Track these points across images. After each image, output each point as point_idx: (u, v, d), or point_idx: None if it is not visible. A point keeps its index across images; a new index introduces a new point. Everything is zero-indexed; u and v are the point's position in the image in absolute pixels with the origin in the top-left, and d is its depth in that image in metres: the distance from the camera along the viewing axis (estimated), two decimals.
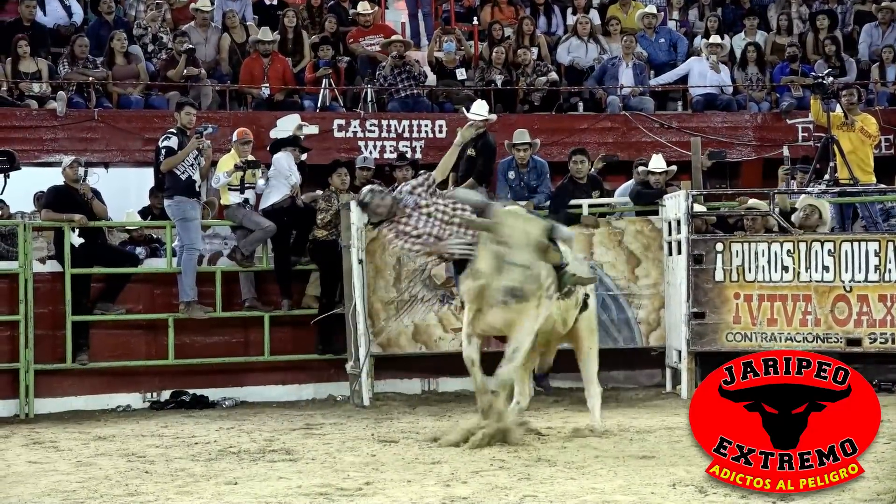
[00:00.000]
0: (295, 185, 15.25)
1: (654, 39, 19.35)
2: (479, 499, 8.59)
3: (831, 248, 13.28)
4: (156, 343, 14.81)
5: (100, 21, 18.07)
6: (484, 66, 18.56)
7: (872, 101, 18.54)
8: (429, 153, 17.48)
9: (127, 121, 17.01)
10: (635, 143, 18.00)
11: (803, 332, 13.40)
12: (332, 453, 10.84)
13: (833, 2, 20.65)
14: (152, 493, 9.17)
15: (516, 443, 10.72)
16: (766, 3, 20.74)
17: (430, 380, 15.30)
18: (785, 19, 19.88)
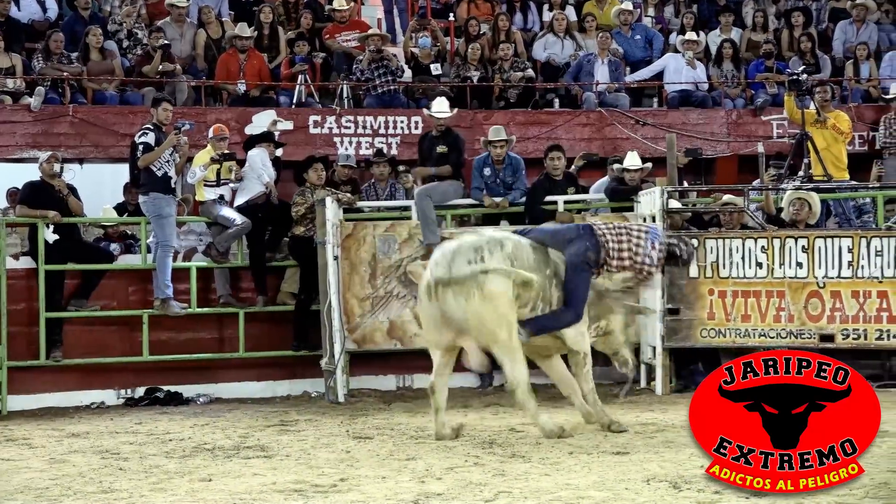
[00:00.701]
0: (269, 182, 15.23)
1: (629, 36, 19.37)
2: (454, 495, 8.59)
3: (805, 245, 13.31)
4: (130, 339, 14.77)
5: (75, 16, 18.00)
6: (460, 62, 18.55)
7: (847, 98, 18.62)
8: (405, 149, 17.48)
9: (102, 116, 16.95)
10: (611, 140, 18.03)
11: (777, 328, 13.43)
12: (306, 450, 10.84)
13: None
14: (126, 489, 9.15)
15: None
16: (740, 1, 20.77)
17: (404, 376, 15.30)
18: (760, 16, 19.92)
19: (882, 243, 12.99)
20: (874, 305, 13.00)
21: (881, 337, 13.01)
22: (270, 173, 15.29)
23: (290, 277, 15.24)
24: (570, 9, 20.13)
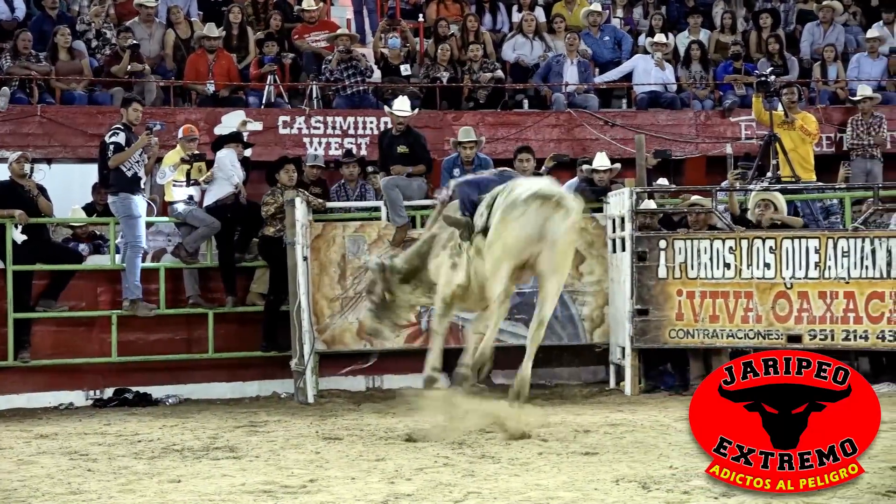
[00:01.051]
0: (239, 183, 15.21)
1: (598, 37, 19.41)
2: (423, 496, 8.60)
3: (773, 246, 13.37)
4: (99, 340, 14.74)
5: (43, 16, 17.93)
6: (429, 62, 18.55)
7: (814, 100, 18.70)
8: (374, 150, 17.44)
9: (70, 116, 16.89)
10: (580, 141, 18.05)
11: (745, 328, 13.49)
12: (276, 451, 10.83)
13: (776, 0, 20.78)
14: (95, 491, 9.13)
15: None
16: (710, 2, 20.83)
17: (374, 377, 15.30)
18: (729, 18, 19.98)
19: (849, 244, 13.05)
20: (841, 306, 13.06)
21: (848, 337, 13.06)
22: (240, 174, 15.27)
23: (260, 278, 15.23)
24: (540, 10, 20.15)
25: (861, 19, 20.65)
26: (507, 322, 14.40)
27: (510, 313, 14.39)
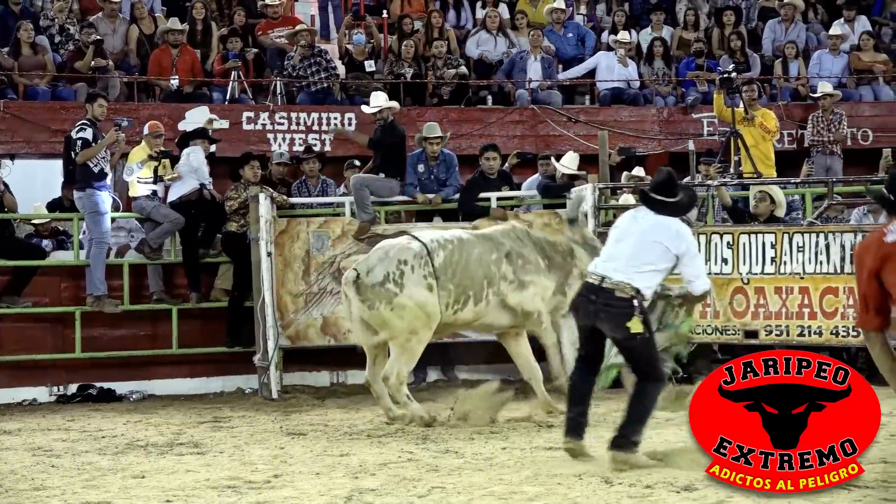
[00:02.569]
0: (208, 181, 15.18)
1: (562, 34, 19.42)
2: (388, 490, 8.62)
3: (730, 241, 13.39)
4: (62, 336, 14.70)
5: (5, 10, 17.83)
6: (393, 59, 18.55)
7: (776, 97, 18.77)
8: (338, 146, 17.44)
9: (33, 112, 16.81)
10: (543, 137, 18.07)
11: (703, 324, 13.49)
12: (240, 446, 10.84)
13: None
14: (59, 487, 9.12)
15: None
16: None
17: (338, 372, 15.31)
18: (692, 15, 20.05)
19: (803, 239, 13.04)
20: (796, 301, 13.05)
21: (802, 333, 13.04)
22: (206, 174, 15.23)
23: (224, 274, 15.22)
24: (504, 6, 20.17)
25: (822, 17, 20.75)
26: None
27: None
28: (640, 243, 9.17)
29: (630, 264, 9.11)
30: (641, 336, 9.04)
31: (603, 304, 9.11)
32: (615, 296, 9.07)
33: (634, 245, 9.17)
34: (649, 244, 9.16)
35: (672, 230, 9.18)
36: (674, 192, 9.29)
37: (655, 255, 9.13)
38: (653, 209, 9.26)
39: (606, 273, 9.14)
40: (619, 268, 9.13)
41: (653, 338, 9.21)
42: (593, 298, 9.16)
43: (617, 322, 9.07)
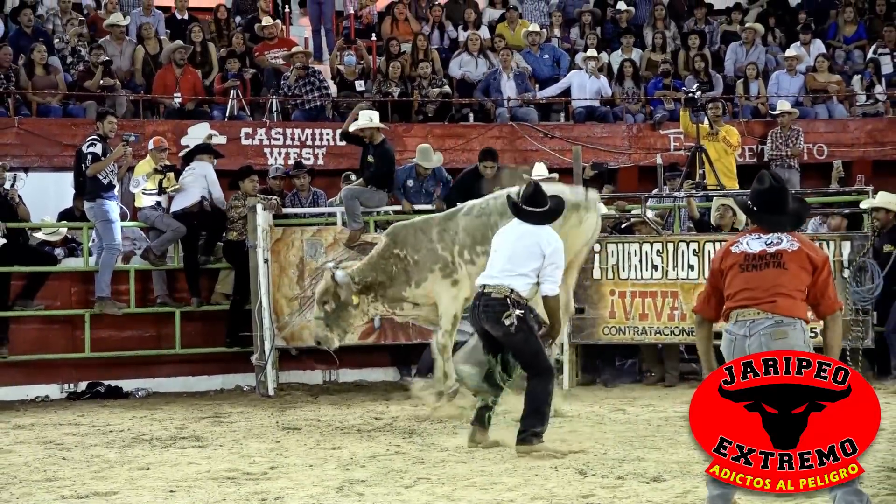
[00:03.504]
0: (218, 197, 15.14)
1: (538, 55, 19.49)
2: (376, 481, 8.64)
3: (696, 248, 13.41)
4: (73, 337, 14.66)
5: (19, 31, 17.82)
6: (382, 78, 18.58)
7: (738, 114, 18.83)
8: (330, 160, 17.48)
9: (46, 128, 16.80)
10: (521, 151, 18.10)
11: (671, 325, 13.53)
12: (238, 440, 10.84)
13: (702, 22, 20.91)
14: (69, 478, 9.12)
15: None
16: (641, 24, 20.95)
17: (330, 371, 15.30)
18: (659, 38, 20.10)
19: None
20: None
21: None
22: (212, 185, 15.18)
23: (224, 279, 15.20)
24: (485, 28, 20.24)
25: (781, 40, 20.83)
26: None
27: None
28: (514, 249, 9.56)
29: (505, 269, 9.54)
30: (519, 330, 9.43)
31: (483, 306, 9.60)
32: (492, 297, 9.54)
33: (510, 252, 9.56)
34: (521, 248, 9.54)
35: (544, 233, 9.59)
36: (543, 202, 9.65)
37: (527, 256, 9.49)
38: (525, 220, 9.66)
39: (487, 280, 9.64)
40: (495, 274, 9.60)
41: (533, 334, 9.54)
42: (477, 304, 9.69)
43: (495, 320, 9.51)
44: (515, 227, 9.72)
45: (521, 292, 9.48)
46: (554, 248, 9.51)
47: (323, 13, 20.16)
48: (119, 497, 8.41)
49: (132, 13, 18.92)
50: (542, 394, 9.52)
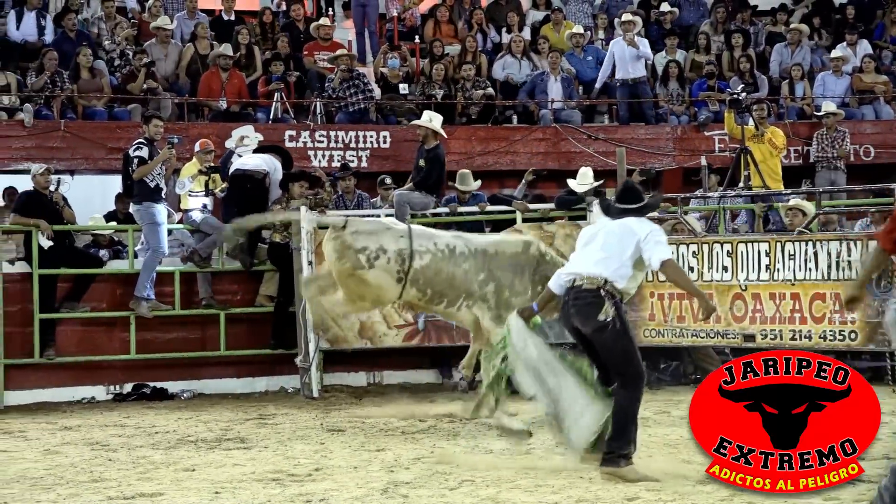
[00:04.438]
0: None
1: (581, 57, 19.44)
2: (421, 483, 8.64)
3: (729, 250, 13.27)
4: (119, 339, 14.73)
5: (63, 35, 17.93)
6: (425, 81, 18.59)
7: (783, 116, 18.73)
8: (374, 162, 17.51)
9: (91, 131, 16.90)
10: (565, 154, 18.08)
11: (706, 328, 13.36)
12: (283, 441, 10.86)
13: (747, 22, 20.82)
14: (115, 479, 9.16)
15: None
16: (686, 24, 20.87)
17: (374, 373, 15.32)
18: (703, 39, 20.01)
19: (794, 247, 12.88)
20: (788, 307, 12.88)
21: (794, 337, 12.85)
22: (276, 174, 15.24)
23: (268, 281, 15.22)
24: (527, 30, 20.22)
25: (826, 41, 20.71)
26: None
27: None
28: (607, 238, 8.66)
29: (597, 258, 8.60)
30: (612, 326, 8.45)
31: (573, 298, 8.62)
32: (583, 288, 8.57)
33: (602, 242, 8.66)
34: (615, 235, 8.65)
35: (636, 220, 8.69)
36: (637, 199, 8.82)
37: (622, 243, 8.57)
38: (617, 218, 8.80)
39: (575, 273, 8.67)
40: (586, 264, 8.65)
41: (628, 332, 8.56)
42: (566, 299, 8.70)
43: (586, 314, 8.55)
44: (605, 222, 8.84)
45: (615, 283, 8.52)
46: (651, 230, 8.57)
47: (367, 16, 20.17)
48: (164, 498, 8.44)
49: (177, 16, 19.00)
50: (629, 406, 8.43)
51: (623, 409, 8.43)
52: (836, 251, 12.49)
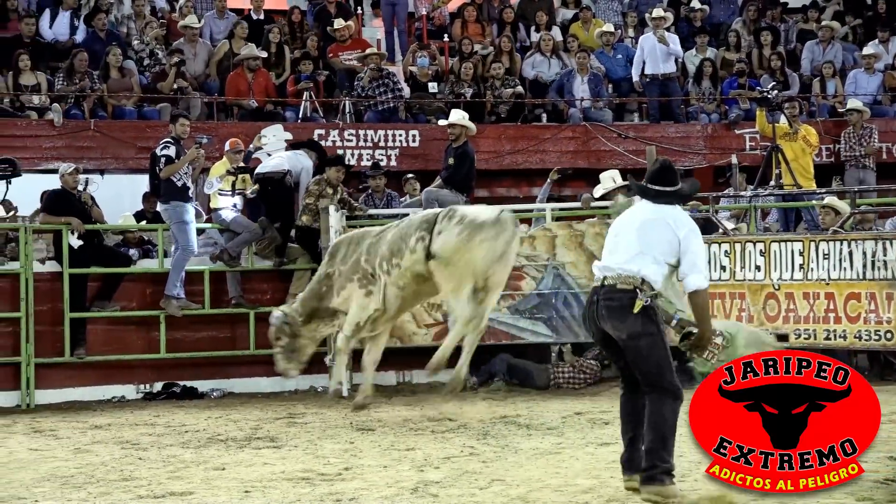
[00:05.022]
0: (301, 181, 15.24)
1: (611, 55, 19.39)
2: (451, 482, 8.63)
3: (762, 249, 13.21)
4: (149, 338, 14.77)
5: (93, 35, 17.99)
6: (454, 79, 18.57)
7: (814, 113, 18.63)
8: (403, 161, 17.51)
9: (121, 130, 16.95)
10: (595, 152, 18.04)
11: None
12: (313, 441, 10.87)
13: (777, 20, 20.73)
14: (145, 478, 9.19)
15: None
16: (717, 22, 20.80)
17: (404, 372, 15.31)
18: (734, 37, 19.94)
19: (828, 247, 12.81)
20: (822, 306, 12.81)
21: (829, 337, 12.78)
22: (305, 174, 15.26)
23: (298, 280, 15.23)
24: (556, 29, 20.17)
25: (857, 38, 20.60)
26: (527, 321, 14.44)
27: (531, 313, 14.43)
28: (642, 230, 7.79)
29: (631, 253, 7.73)
30: (647, 332, 7.59)
31: (604, 300, 7.74)
32: (616, 289, 7.69)
33: (636, 233, 7.78)
34: (651, 228, 7.77)
35: (675, 212, 7.88)
36: (674, 181, 7.96)
37: (659, 237, 7.73)
38: (653, 200, 7.95)
39: (606, 270, 7.81)
40: (618, 260, 7.76)
41: (663, 340, 7.66)
42: (594, 300, 7.82)
43: (619, 317, 7.67)
44: (639, 209, 8.01)
45: (653, 283, 7.67)
46: (689, 229, 7.74)
47: (396, 14, 20.18)
48: (195, 497, 8.46)
49: (206, 15, 19.05)
50: (668, 417, 7.53)
51: (658, 417, 7.56)
52: (871, 250, 12.44)
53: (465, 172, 14.78)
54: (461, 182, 14.80)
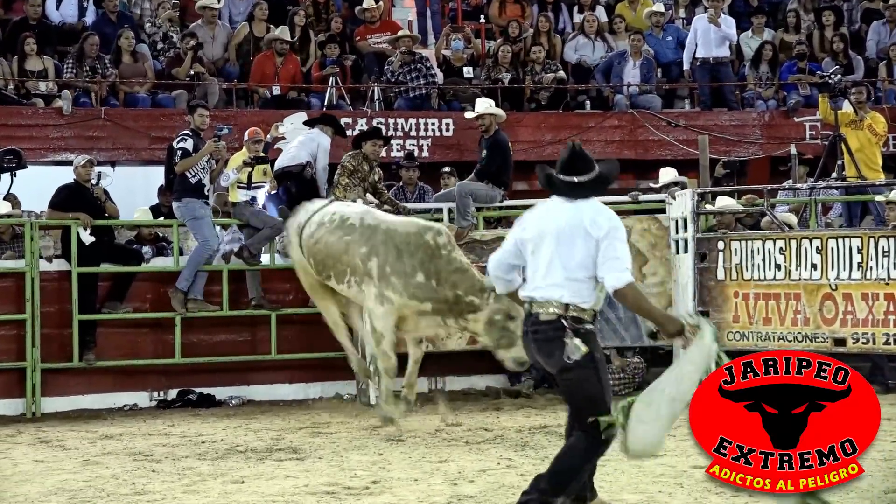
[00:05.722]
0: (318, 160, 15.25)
1: (661, 37, 19.33)
2: (486, 498, 8.64)
3: (819, 246, 13.09)
4: (162, 342, 14.78)
5: (104, 18, 18.05)
6: (491, 64, 18.52)
7: (880, 100, 18.53)
8: (436, 152, 17.50)
9: (134, 119, 17.02)
10: (642, 142, 18.01)
11: (794, 331, 13.18)
12: (339, 452, 10.89)
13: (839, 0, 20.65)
14: (159, 491, 9.23)
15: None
16: (774, 1, 20.72)
17: (436, 378, 15.29)
18: (793, 17, 19.85)
19: (889, 243, 12.66)
20: (882, 308, 12.68)
21: (888, 342, 12.62)
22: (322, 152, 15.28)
23: None
24: (601, 10, 20.12)
25: None
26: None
27: None
28: (559, 244, 7.29)
29: (554, 277, 7.30)
30: (578, 365, 7.18)
31: (532, 331, 7.40)
32: (540, 319, 7.31)
33: (554, 249, 7.30)
34: (568, 240, 7.29)
35: (591, 211, 7.35)
36: (585, 169, 7.42)
37: (578, 250, 7.26)
38: (564, 195, 7.43)
39: (532, 293, 7.40)
40: (540, 284, 7.35)
41: (597, 373, 7.25)
42: (525, 329, 7.50)
43: (546, 350, 7.31)
44: (553, 210, 7.46)
45: (580, 304, 7.25)
46: (607, 229, 7.25)
47: None
48: None
49: None
50: (577, 461, 7.35)
51: (569, 453, 7.38)
52: None
53: (500, 164, 14.73)
54: (495, 174, 14.75)
